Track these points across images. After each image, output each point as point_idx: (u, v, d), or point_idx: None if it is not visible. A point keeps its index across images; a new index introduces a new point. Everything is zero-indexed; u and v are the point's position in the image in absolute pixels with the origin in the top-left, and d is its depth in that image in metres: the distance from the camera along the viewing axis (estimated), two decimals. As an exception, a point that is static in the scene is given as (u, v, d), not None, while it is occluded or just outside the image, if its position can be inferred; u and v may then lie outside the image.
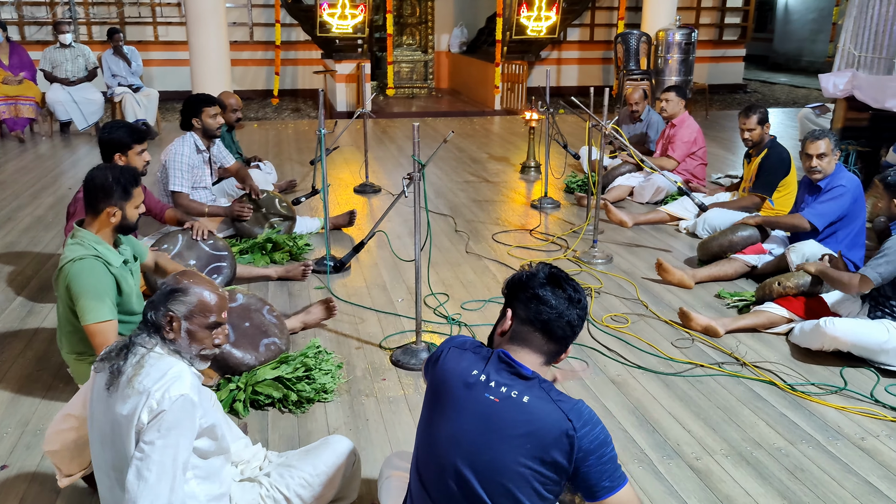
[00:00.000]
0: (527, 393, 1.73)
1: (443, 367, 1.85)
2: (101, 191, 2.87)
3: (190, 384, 1.93)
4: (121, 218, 2.90)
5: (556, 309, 1.78)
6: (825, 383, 3.34)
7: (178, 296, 2.03)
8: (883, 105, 6.00)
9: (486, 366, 1.79)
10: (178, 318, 2.01)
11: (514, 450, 1.70)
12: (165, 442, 1.87)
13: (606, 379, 3.39)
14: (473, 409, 1.75)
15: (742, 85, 14.43)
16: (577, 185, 6.55)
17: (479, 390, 1.76)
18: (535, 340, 1.81)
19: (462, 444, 1.74)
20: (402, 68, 12.59)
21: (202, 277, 2.11)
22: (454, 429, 1.76)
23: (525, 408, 1.71)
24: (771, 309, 3.85)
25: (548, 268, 1.87)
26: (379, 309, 4.11)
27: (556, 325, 1.79)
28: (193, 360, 2.06)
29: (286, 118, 10.68)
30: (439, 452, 1.78)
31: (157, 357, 1.98)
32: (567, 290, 1.81)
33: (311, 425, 3.00)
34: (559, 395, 1.76)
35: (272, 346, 3.30)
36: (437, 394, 1.85)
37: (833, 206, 4.17)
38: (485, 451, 1.72)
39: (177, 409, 1.88)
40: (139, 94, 8.76)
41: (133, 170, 3.02)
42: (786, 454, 2.83)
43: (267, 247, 4.74)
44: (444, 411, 1.80)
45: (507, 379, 1.76)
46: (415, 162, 3.29)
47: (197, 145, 4.85)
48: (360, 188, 6.60)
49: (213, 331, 2.07)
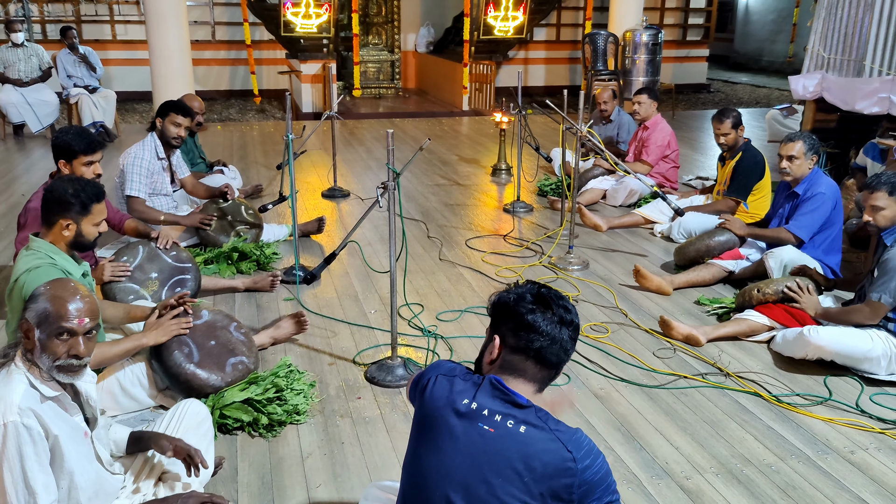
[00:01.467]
0: (522, 423, 1.62)
1: (431, 397, 1.73)
2: (58, 203, 2.73)
3: (17, 409, 1.76)
4: (75, 233, 2.74)
5: (549, 335, 1.67)
6: (810, 393, 3.29)
7: (31, 302, 1.87)
8: (852, 107, 6.02)
9: (477, 393, 1.68)
10: (31, 326, 1.86)
11: (511, 483, 1.58)
12: (11, 472, 1.76)
13: (589, 393, 3.29)
14: (466, 439, 1.64)
15: (706, 85, 14.53)
16: (549, 189, 6.47)
17: (471, 420, 1.65)
18: (528, 369, 1.70)
19: (454, 477, 1.63)
20: (368, 68, 12.41)
21: (65, 283, 1.94)
22: (445, 461, 1.64)
23: (521, 438, 1.61)
24: (752, 317, 3.79)
25: (535, 287, 1.75)
26: (352, 321, 3.96)
27: (549, 351, 1.68)
28: (52, 371, 1.87)
29: (251, 119, 10.43)
30: (429, 486, 1.66)
31: (5, 374, 1.84)
32: (557, 312, 1.70)
33: (282, 450, 2.84)
34: (557, 424, 1.65)
35: (240, 365, 3.13)
36: (425, 425, 1.72)
37: (816, 217, 4.13)
38: (479, 484, 1.60)
39: (3, 438, 1.76)
40: (96, 96, 8.44)
41: (96, 185, 2.84)
42: (776, 471, 2.75)
43: (233, 256, 4.55)
44: (433, 443, 1.67)
45: (501, 407, 1.65)
46: (389, 170, 3.15)
47: (157, 151, 4.64)
48: (328, 193, 6.42)
49: (66, 340, 1.87)
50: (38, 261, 2.69)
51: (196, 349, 3.05)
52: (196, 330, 3.13)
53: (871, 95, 5.74)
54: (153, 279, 3.80)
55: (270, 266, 4.64)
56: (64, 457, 1.86)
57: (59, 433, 1.84)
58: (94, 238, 2.81)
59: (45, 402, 1.85)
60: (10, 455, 1.75)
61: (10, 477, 1.75)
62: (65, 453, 1.86)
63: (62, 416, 1.89)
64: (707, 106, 12.35)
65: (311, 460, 2.78)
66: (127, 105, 10.95)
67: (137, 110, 10.90)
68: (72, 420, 1.93)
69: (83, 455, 1.93)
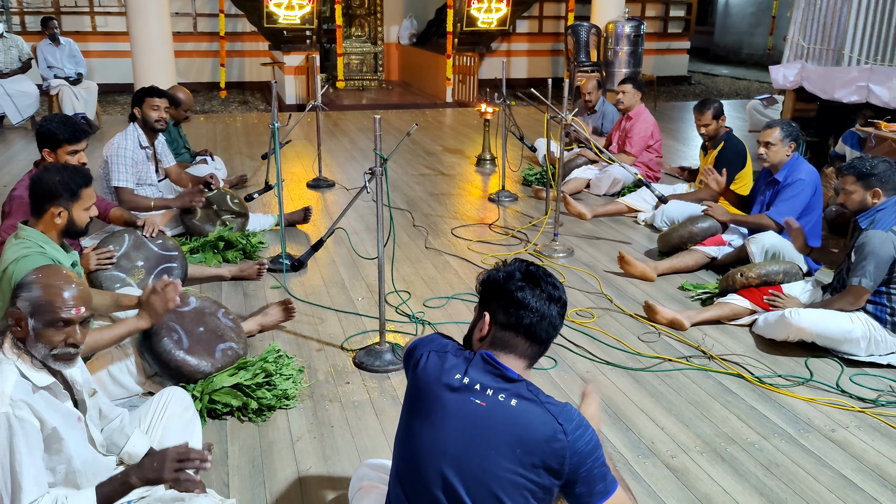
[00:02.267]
0: (514, 396, 1.65)
1: (424, 372, 1.75)
2: (47, 191, 2.72)
3: (9, 400, 1.75)
4: (67, 220, 2.74)
5: (539, 312, 1.71)
6: (792, 374, 3.35)
7: (23, 291, 1.85)
8: (831, 96, 6.10)
9: (469, 368, 1.70)
10: (24, 315, 1.84)
11: (504, 456, 1.61)
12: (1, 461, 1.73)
13: (576, 376, 3.33)
14: (459, 413, 1.66)
15: (686, 77, 14.64)
16: (534, 178, 6.50)
17: (464, 394, 1.67)
18: (519, 345, 1.73)
19: (448, 451, 1.65)
20: (351, 60, 12.37)
21: (56, 270, 1.93)
22: (439, 435, 1.67)
23: (513, 411, 1.64)
24: (734, 301, 3.85)
25: (524, 265, 1.78)
26: (339, 308, 3.97)
27: (539, 327, 1.72)
28: (47, 360, 1.87)
29: (234, 111, 10.38)
30: (423, 461, 1.68)
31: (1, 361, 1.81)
32: (546, 289, 1.73)
33: (272, 434, 2.86)
34: (547, 397, 1.68)
35: (229, 351, 3.14)
36: (418, 400, 1.75)
37: (796, 203, 4.19)
38: (473, 457, 1.63)
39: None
40: (77, 87, 8.37)
41: (83, 170, 2.84)
42: (759, 449, 2.80)
43: (219, 245, 4.54)
44: (427, 417, 1.70)
45: (492, 382, 1.68)
46: (376, 156, 3.16)
47: (140, 141, 4.62)
48: (313, 183, 6.42)
49: (63, 328, 1.87)
50: (27, 249, 2.67)
51: (185, 336, 3.05)
52: (185, 317, 3.13)
53: (850, 84, 5.82)
54: (139, 267, 3.79)
55: (256, 255, 4.64)
56: (63, 443, 1.85)
57: (55, 423, 1.83)
58: (86, 224, 2.80)
59: (38, 391, 1.83)
60: (0, 446, 1.73)
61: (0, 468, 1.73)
62: (64, 440, 1.85)
63: (55, 405, 1.88)
64: (688, 97, 12.45)
65: (301, 443, 2.80)
66: (108, 97, 10.85)
67: (119, 102, 10.80)
68: (63, 407, 1.93)
69: (78, 440, 1.93)
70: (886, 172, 3.39)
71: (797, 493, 2.56)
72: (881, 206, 3.41)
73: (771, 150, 4.25)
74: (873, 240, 3.31)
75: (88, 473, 1.92)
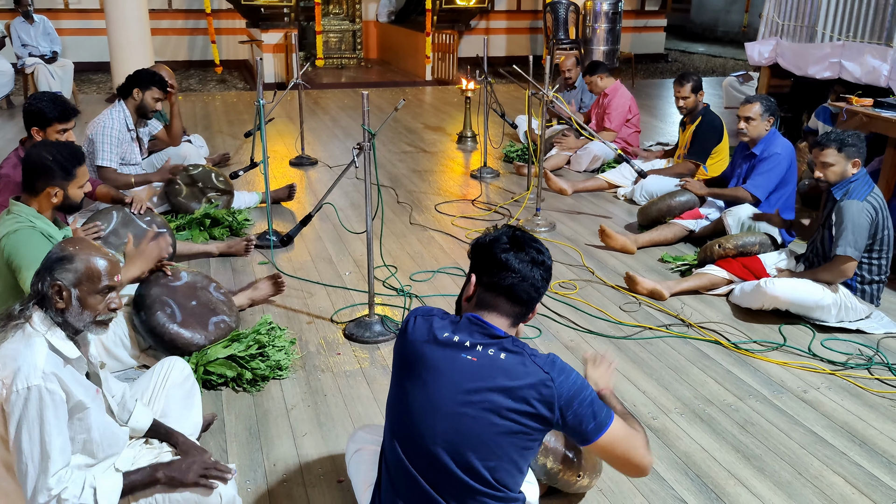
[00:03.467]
0: (502, 350, 1.74)
1: (413, 336, 1.82)
2: (41, 171, 2.76)
3: (42, 373, 1.81)
4: (63, 198, 2.79)
5: (520, 273, 1.78)
6: (766, 340, 3.49)
7: (64, 264, 1.91)
8: (805, 72, 6.23)
9: (456, 329, 1.79)
10: (66, 287, 1.91)
11: (497, 407, 1.70)
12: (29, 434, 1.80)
13: (560, 345, 3.44)
14: (451, 369, 1.74)
15: (664, 55, 14.73)
16: (515, 155, 6.58)
17: (455, 352, 1.75)
18: (501, 305, 1.80)
19: (442, 408, 1.73)
20: (330, 38, 12.29)
21: (89, 243, 2.01)
22: (432, 393, 1.74)
23: (502, 364, 1.72)
24: (712, 271, 3.97)
25: (511, 230, 1.86)
26: (327, 283, 4.04)
27: (520, 288, 1.78)
28: (88, 327, 1.96)
29: (212, 90, 10.31)
30: (418, 419, 1.76)
31: (21, 336, 1.86)
32: (530, 252, 1.81)
33: (267, 404, 2.94)
34: (533, 351, 1.77)
35: (221, 324, 3.21)
36: (409, 362, 1.82)
37: (772, 177, 4.32)
38: (467, 411, 1.71)
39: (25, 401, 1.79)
40: (53, 66, 8.27)
41: (75, 148, 2.87)
42: (735, 409, 2.94)
43: (205, 222, 4.58)
44: (419, 377, 1.77)
45: (480, 339, 1.76)
46: (364, 131, 3.22)
47: (127, 122, 4.62)
48: (296, 161, 6.45)
49: (105, 296, 1.96)
50: (18, 224, 2.71)
51: (178, 309, 3.11)
52: (177, 291, 3.19)
53: (823, 60, 5.95)
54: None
55: (243, 232, 4.69)
56: (86, 413, 1.92)
57: (80, 396, 1.90)
58: (81, 199, 2.85)
59: (67, 365, 1.89)
60: (30, 418, 1.78)
61: (28, 439, 1.79)
62: (88, 409, 1.92)
63: (78, 378, 1.95)
64: (665, 75, 12.55)
65: (295, 411, 2.88)
66: (83, 76, 10.71)
67: (94, 81, 10.67)
68: (84, 380, 1.99)
69: (98, 411, 2.00)
70: (860, 143, 3.51)
71: (771, 449, 2.69)
72: (854, 177, 3.53)
73: (751, 125, 4.36)
74: (850, 209, 3.43)
75: (105, 444, 1.99)
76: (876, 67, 5.42)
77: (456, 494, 1.72)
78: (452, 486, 1.72)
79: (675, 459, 2.63)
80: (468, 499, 1.72)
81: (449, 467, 1.70)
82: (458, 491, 1.72)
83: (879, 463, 2.63)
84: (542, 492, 2.28)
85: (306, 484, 2.48)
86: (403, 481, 1.76)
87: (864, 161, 3.53)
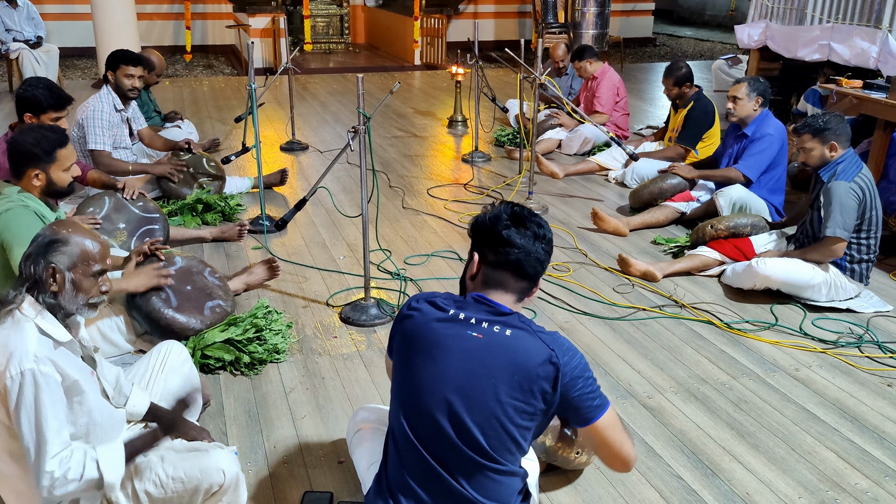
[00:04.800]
0: (508, 327, 1.75)
1: (420, 317, 1.83)
2: (22, 155, 2.75)
3: (34, 357, 1.81)
4: (46, 181, 2.76)
5: (524, 248, 1.79)
6: (758, 320, 3.53)
7: (58, 247, 1.91)
8: (794, 55, 6.26)
9: (462, 308, 1.80)
10: (60, 270, 1.90)
11: (503, 382, 1.71)
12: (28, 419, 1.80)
13: (555, 326, 3.46)
14: (458, 347, 1.75)
15: (652, 38, 14.74)
16: (506, 139, 6.58)
17: (461, 329, 1.77)
18: (507, 281, 1.82)
19: (450, 382, 1.74)
20: (317, 23, 12.21)
21: (80, 225, 2.01)
22: (441, 368, 1.76)
23: (508, 341, 1.74)
24: (704, 252, 4.01)
25: (510, 207, 1.87)
26: (322, 267, 4.04)
27: (526, 263, 1.80)
28: (80, 310, 1.96)
29: (199, 75, 10.23)
30: (426, 392, 1.76)
31: (11, 322, 1.86)
32: (531, 227, 1.82)
33: (265, 387, 2.95)
34: (539, 327, 1.79)
35: (217, 308, 3.20)
36: (415, 342, 1.82)
37: (763, 158, 4.35)
38: (474, 385, 1.72)
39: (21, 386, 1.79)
40: (38, 51, 8.17)
41: (58, 130, 2.84)
42: (729, 388, 2.98)
43: (197, 208, 4.56)
44: (426, 354, 1.78)
45: (486, 316, 1.78)
46: (359, 114, 3.22)
47: (115, 104, 4.59)
48: (287, 146, 6.42)
49: (98, 279, 1.97)
50: (10, 203, 2.71)
51: (173, 294, 3.10)
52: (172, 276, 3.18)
53: (812, 43, 5.98)
54: (121, 229, 3.80)
55: (235, 217, 4.67)
56: (84, 396, 1.92)
57: (76, 377, 1.90)
58: (68, 183, 2.82)
59: (59, 347, 1.89)
60: (26, 403, 1.78)
61: (27, 423, 1.79)
62: (85, 392, 1.92)
63: (72, 360, 1.94)
64: (654, 59, 12.57)
65: (294, 394, 2.90)
66: (67, 61, 10.60)
67: (79, 66, 10.57)
68: (80, 361, 1.99)
69: (95, 393, 2.00)
70: (839, 126, 3.55)
71: (764, 426, 2.74)
72: (840, 159, 3.57)
73: (738, 105, 4.40)
74: (837, 190, 3.47)
75: (106, 426, 1.99)
76: (865, 49, 5.45)
77: (461, 468, 1.74)
78: (457, 461, 1.74)
79: (670, 437, 2.67)
80: (472, 472, 1.74)
81: (454, 442, 1.72)
82: (463, 465, 1.74)
83: (870, 438, 2.68)
84: (541, 469, 2.31)
85: (307, 465, 2.50)
86: (411, 457, 1.78)
87: (845, 144, 3.56)
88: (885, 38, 5.30)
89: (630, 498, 2.37)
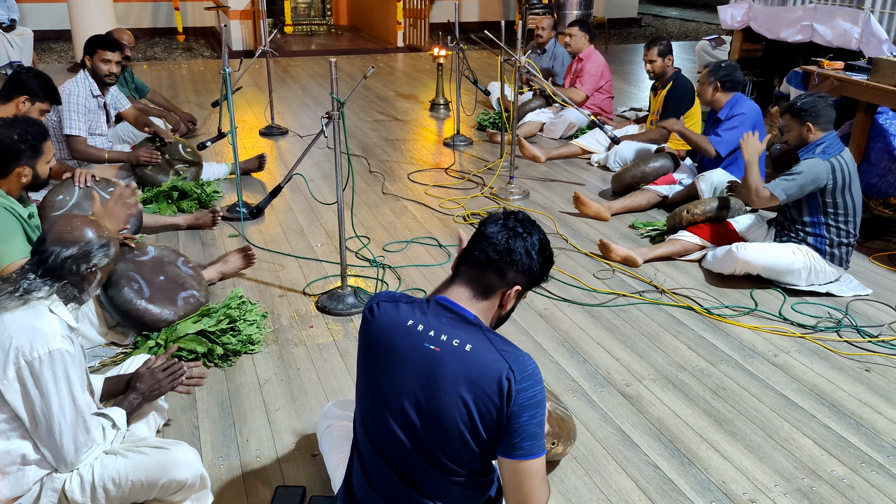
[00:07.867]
0: (469, 341, 1.65)
1: (378, 323, 1.74)
2: (8, 153, 2.71)
3: (60, 336, 1.87)
4: (32, 176, 2.77)
5: (491, 240, 1.71)
6: (738, 305, 3.51)
7: (106, 251, 2.03)
8: (777, 36, 6.22)
9: (423, 315, 1.71)
10: (100, 269, 2.03)
11: (458, 397, 1.62)
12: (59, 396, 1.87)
13: (535, 313, 3.43)
14: (414, 359, 1.67)
15: (637, 19, 14.65)
16: (488, 122, 6.52)
17: (418, 340, 1.67)
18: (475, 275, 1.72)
19: (406, 394, 1.67)
20: (298, 4, 12.03)
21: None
22: (398, 380, 1.68)
23: (467, 356, 1.64)
24: (685, 237, 3.99)
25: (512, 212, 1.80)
26: (299, 255, 3.99)
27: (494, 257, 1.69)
28: (90, 294, 2.07)
29: (178, 58, 10.06)
30: (386, 407, 1.70)
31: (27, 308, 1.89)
32: (516, 227, 1.73)
33: (240, 379, 2.90)
34: (504, 344, 1.67)
35: (191, 298, 3.15)
36: (374, 350, 1.74)
37: (734, 135, 4.33)
38: (429, 399, 1.65)
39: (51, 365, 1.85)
40: (11, 34, 8.00)
41: (38, 124, 2.81)
42: (707, 375, 2.96)
43: (173, 195, 4.48)
44: (384, 365, 1.71)
45: (448, 326, 1.68)
46: (333, 100, 3.15)
47: (92, 89, 4.49)
48: (266, 131, 6.33)
49: None
50: None
51: (146, 285, 3.05)
52: (144, 266, 3.13)
53: (795, 24, 5.94)
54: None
55: (212, 204, 4.60)
56: (84, 382, 1.98)
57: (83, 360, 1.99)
58: (48, 174, 2.82)
59: (72, 332, 1.96)
60: (58, 380, 1.84)
61: (58, 402, 1.84)
62: (84, 379, 1.99)
63: (79, 345, 2.01)
64: (638, 40, 12.49)
65: (268, 386, 2.86)
66: (43, 44, 10.40)
67: (55, 49, 10.36)
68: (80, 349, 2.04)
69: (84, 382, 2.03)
70: (817, 108, 3.52)
71: (742, 413, 2.72)
72: (820, 140, 3.55)
73: (701, 89, 4.51)
74: (806, 161, 3.52)
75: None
76: (847, 31, 5.42)
77: (425, 483, 1.68)
78: (420, 475, 1.68)
79: (648, 426, 2.65)
80: (439, 485, 1.68)
81: (415, 457, 1.66)
82: (427, 480, 1.68)
83: (847, 424, 2.68)
84: (516, 461, 2.28)
85: (280, 458, 2.46)
86: (374, 469, 1.73)
87: (826, 126, 3.54)
88: (868, 19, 5.27)
89: (606, 488, 2.36)
